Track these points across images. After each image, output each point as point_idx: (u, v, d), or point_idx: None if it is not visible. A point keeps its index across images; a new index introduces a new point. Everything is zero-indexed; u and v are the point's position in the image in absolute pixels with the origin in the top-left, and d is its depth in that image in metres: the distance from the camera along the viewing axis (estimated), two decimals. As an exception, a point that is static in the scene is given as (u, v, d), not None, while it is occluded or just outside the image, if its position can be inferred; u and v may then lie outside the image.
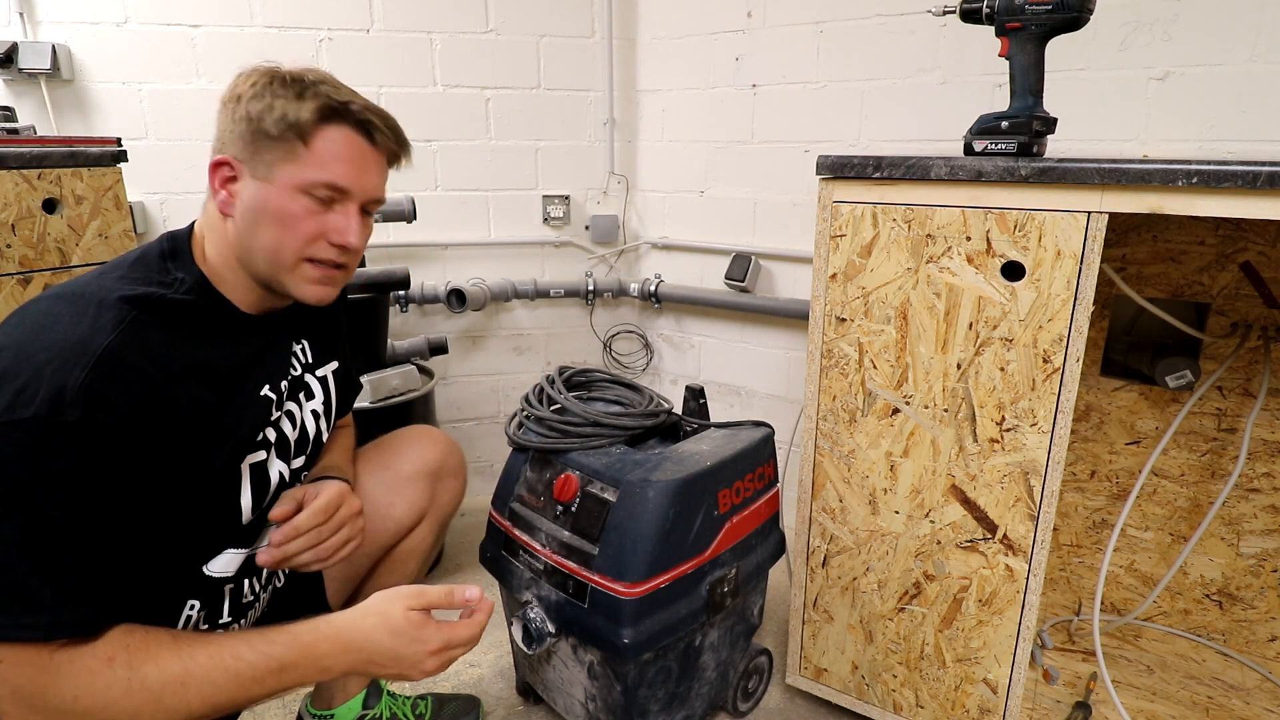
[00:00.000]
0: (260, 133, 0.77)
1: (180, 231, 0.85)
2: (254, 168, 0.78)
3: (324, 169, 0.78)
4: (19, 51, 1.64)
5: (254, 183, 0.79)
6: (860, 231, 1.08)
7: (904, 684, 1.21)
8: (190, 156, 1.83)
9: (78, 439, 0.64)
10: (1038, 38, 1.00)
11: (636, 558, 1.03)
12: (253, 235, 0.80)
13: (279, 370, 0.91)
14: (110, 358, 0.66)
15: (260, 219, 0.79)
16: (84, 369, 0.65)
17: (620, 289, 2.15)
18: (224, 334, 0.82)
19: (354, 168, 0.81)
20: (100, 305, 0.70)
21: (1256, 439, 1.35)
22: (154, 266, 0.79)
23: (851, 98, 1.71)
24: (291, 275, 0.82)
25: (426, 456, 1.13)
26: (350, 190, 0.81)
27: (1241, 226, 1.28)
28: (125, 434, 0.67)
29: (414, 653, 0.78)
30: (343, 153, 0.80)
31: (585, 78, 2.00)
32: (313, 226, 0.80)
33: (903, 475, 1.13)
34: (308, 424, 0.95)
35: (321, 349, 1.00)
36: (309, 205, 0.79)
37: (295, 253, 0.80)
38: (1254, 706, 1.29)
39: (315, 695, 1.17)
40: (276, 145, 0.77)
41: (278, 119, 0.76)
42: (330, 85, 0.80)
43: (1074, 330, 0.95)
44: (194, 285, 0.79)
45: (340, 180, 0.79)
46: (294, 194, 0.78)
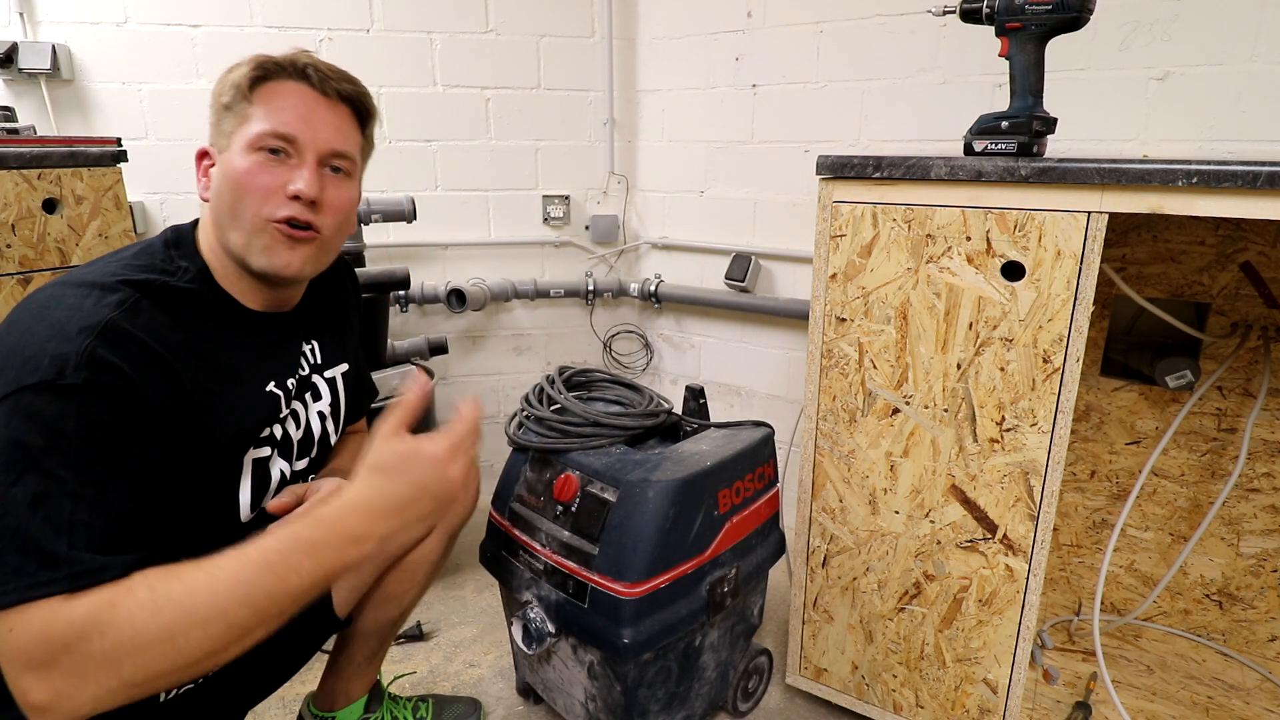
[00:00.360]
0: (219, 109, 0.80)
1: (184, 225, 0.85)
2: (218, 142, 0.81)
3: (267, 119, 0.78)
4: (19, 51, 1.64)
5: (220, 158, 0.81)
6: (860, 231, 1.08)
7: (904, 684, 1.21)
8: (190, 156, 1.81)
9: (83, 399, 0.64)
10: (1038, 38, 1.00)
11: (636, 558, 1.03)
12: (219, 206, 0.80)
13: (286, 369, 0.90)
14: (113, 329, 0.67)
15: (222, 188, 0.79)
16: (87, 338, 0.66)
17: (620, 289, 2.15)
18: (227, 327, 0.82)
19: (298, 115, 0.79)
20: (103, 288, 0.71)
21: (1256, 439, 1.35)
22: (158, 255, 0.80)
23: (851, 98, 1.71)
24: (259, 240, 0.79)
25: None
26: (298, 137, 0.79)
27: (1241, 226, 1.28)
28: (130, 393, 0.67)
29: (433, 474, 0.75)
30: (286, 102, 0.79)
31: (585, 78, 2.00)
32: (266, 180, 0.78)
33: (903, 475, 1.13)
34: (313, 425, 0.95)
35: (332, 350, 1.00)
36: (261, 160, 0.78)
37: (254, 212, 0.78)
38: (1254, 706, 1.29)
39: (318, 696, 1.17)
40: (229, 115, 0.80)
41: (228, 88, 0.79)
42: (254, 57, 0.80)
43: (1074, 330, 0.95)
44: (197, 275, 0.80)
45: (284, 128, 0.78)
46: (247, 153, 0.78)
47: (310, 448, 0.96)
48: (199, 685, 0.87)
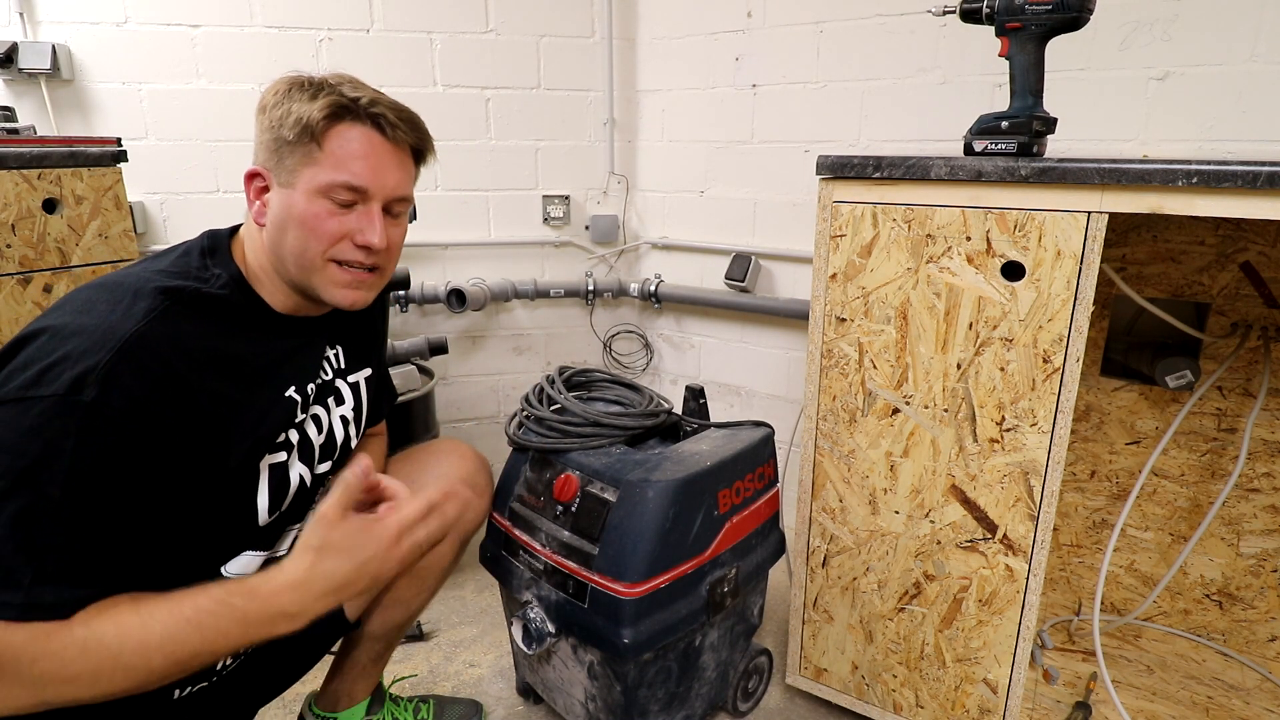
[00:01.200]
0: (280, 139, 0.78)
1: (221, 230, 0.86)
2: (279, 175, 0.79)
3: (339, 169, 0.78)
4: (19, 51, 1.64)
5: (280, 190, 0.80)
6: (860, 231, 1.08)
7: (904, 684, 1.21)
8: (190, 156, 1.83)
9: (89, 419, 0.64)
10: (1038, 38, 1.00)
11: (636, 558, 1.03)
12: (281, 242, 0.81)
13: (308, 373, 0.91)
14: (135, 343, 0.68)
15: (286, 225, 0.80)
16: (109, 353, 0.66)
17: (620, 289, 2.15)
18: (256, 331, 0.83)
19: (369, 165, 0.80)
20: (136, 294, 0.71)
21: (1256, 439, 1.35)
22: (194, 262, 0.81)
23: (851, 98, 1.71)
24: (321, 278, 0.82)
25: (453, 473, 1.11)
26: (368, 189, 0.80)
27: (1241, 226, 1.28)
28: (137, 418, 0.67)
29: (378, 554, 0.75)
30: (357, 150, 0.79)
31: (585, 78, 2.00)
32: (335, 228, 0.80)
33: (903, 475, 1.13)
34: (335, 429, 0.95)
35: (356, 355, 1.01)
36: (329, 207, 0.79)
37: (320, 255, 0.81)
38: (1254, 706, 1.29)
39: (320, 697, 1.17)
40: (295, 150, 0.78)
41: (293, 123, 0.77)
42: (349, 85, 0.80)
43: (1074, 330, 0.95)
44: (229, 281, 0.81)
45: (356, 180, 0.79)
46: (314, 197, 0.78)
47: (333, 451, 0.96)
48: (212, 684, 0.88)
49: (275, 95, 0.79)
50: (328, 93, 0.77)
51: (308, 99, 0.77)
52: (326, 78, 0.80)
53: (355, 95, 0.79)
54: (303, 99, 0.77)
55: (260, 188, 0.82)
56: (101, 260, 1.42)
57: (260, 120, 0.80)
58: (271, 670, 1.00)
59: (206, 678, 0.86)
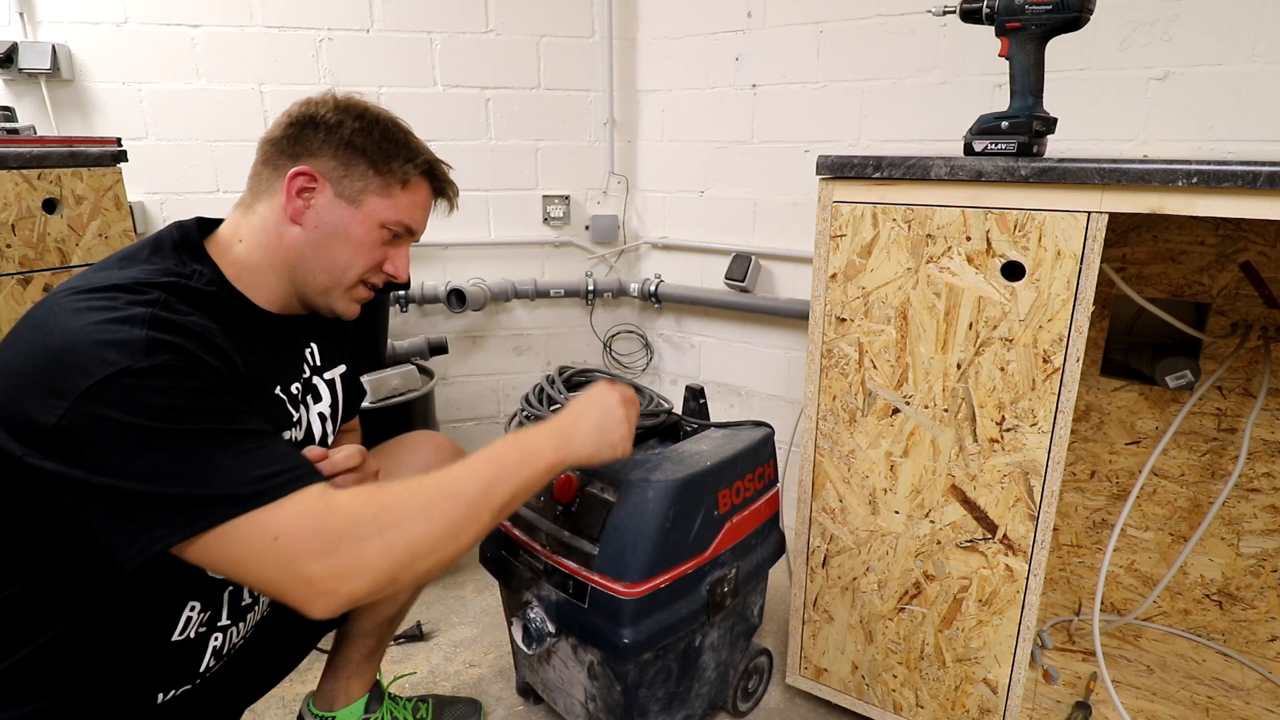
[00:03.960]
0: (363, 162, 0.84)
1: (188, 222, 0.85)
2: (340, 188, 0.84)
3: (407, 213, 0.88)
4: (19, 51, 1.64)
5: (337, 202, 0.84)
6: (860, 231, 1.08)
7: (904, 684, 1.21)
8: (190, 156, 1.83)
9: (168, 373, 0.65)
10: (1038, 38, 1.00)
11: (636, 558, 1.03)
12: (325, 249, 0.85)
13: (293, 371, 0.91)
14: (160, 320, 0.67)
15: (338, 237, 0.85)
16: (142, 328, 0.65)
17: (620, 289, 2.15)
18: (243, 327, 0.82)
19: (424, 215, 0.93)
20: (130, 289, 0.70)
21: (1256, 439, 1.35)
22: (169, 258, 0.79)
23: (851, 98, 1.71)
24: (345, 293, 0.89)
25: (431, 464, 1.09)
26: (417, 233, 0.92)
27: (1241, 226, 1.28)
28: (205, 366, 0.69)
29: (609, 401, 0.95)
30: (423, 203, 0.92)
31: (585, 78, 2.00)
32: (380, 256, 0.89)
33: (903, 475, 1.13)
34: (314, 427, 0.95)
35: (330, 353, 1.01)
36: (382, 237, 0.88)
37: (358, 275, 0.88)
38: (1254, 706, 1.29)
39: (318, 696, 1.17)
40: (375, 179, 0.85)
41: (385, 158, 0.85)
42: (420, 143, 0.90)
43: (1074, 330, 0.95)
44: (213, 278, 0.81)
45: (415, 225, 0.91)
46: (375, 225, 0.86)
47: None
48: (196, 686, 0.88)
49: (358, 122, 0.84)
50: (419, 151, 0.89)
51: (402, 145, 0.87)
52: (398, 122, 0.89)
53: (438, 163, 0.92)
54: (396, 144, 0.86)
55: (306, 187, 0.83)
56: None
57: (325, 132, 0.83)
58: (256, 669, 1.00)
59: (189, 680, 0.86)
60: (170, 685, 0.84)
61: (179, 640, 0.81)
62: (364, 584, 0.67)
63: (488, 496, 0.77)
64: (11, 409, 0.64)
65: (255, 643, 0.98)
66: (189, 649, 0.84)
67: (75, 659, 0.74)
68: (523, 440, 0.84)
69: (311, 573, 0.65)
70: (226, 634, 0.89)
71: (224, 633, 0.88)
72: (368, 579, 0.67)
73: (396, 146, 0.86)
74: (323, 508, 0.67)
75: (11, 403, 0.64)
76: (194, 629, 0.84)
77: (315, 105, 0.85)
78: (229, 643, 0.90)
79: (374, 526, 0.68)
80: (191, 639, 0.83)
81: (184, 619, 0.82)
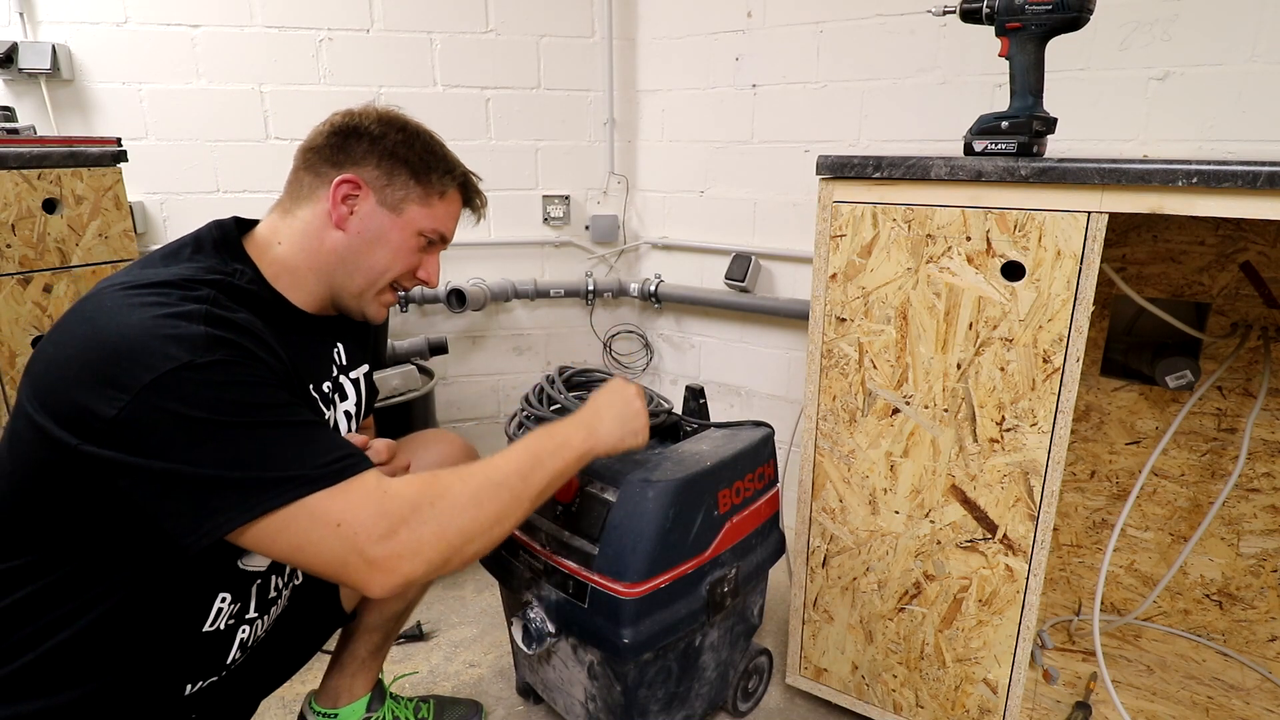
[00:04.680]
0: (405, 173, 0.88)
1: (227, 221, 0.86)
2: (383, 196, 0.87)
3: (443, 223, 0.93)
4: (19, 51, 1.64)
5: (379, 209, 0.88)
6: (860, 231, 1.08)
7: (904, 684, 1.21)
8: (190, 156, 1.83)
9: (229, 370, 0.66)
10: (1038, 38, 1.00)
11: (636, 558, 1.03)
12: (366, 253, 0.88)
13: (324, 370, 0.93)
14: (214, 317, 0.69)
15: (378, 243, 0.88)
16: (199, 323, 0.67)
17: (620, 289, 2.15)
18: (283, 325, 0.84)
19: (456, 224, 0.97)
20: (179, 286, 0.72)
21: (1256, 439, 1.35)
22: (212, 256, 0.81)
23: (851, 98, 1.71)
24: (377, 297, 0.92)
25: (442, 460, 1.12)
26: (448, 241, 0.97)
27: (1241, 226, 1.28)
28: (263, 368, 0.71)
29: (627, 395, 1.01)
30: (457, 213, 0.97)
31: (585, 78, 2.00)
32: (415, 261, 0.93)
33: (903, 475, 1.13)
34: (340, 425, 0.97)
35: (354, 352, 1.02)
36: (418, 244, 0.92)
37: (393, 278, 0.92)
38: (1254, 706, 1.29)
39: (320, 694, 1.17)
40: (416, 189, 0.89)
41: (426, 170, 0.89)
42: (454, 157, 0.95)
43: (1074, 330, 0.95)
44: (254, 278, 0.83)
45: (448, 233, 0.95)
46: (414, 233, 0.90)
47: None
48: (221, 678, 0.90)
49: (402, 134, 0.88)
50: (458, 164, 0.94)
51: (441, 158, 0.92)
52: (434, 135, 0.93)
53: (475, 183, 0.97)
54: (436, 157, 0.91)
55: (350, 194, 0.86)
56: (101, 260, 1.42)
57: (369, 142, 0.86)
58: (272, 664, 1.02)
59: (216, 672, 0.88)
60: (199, 676, 0.85)
61: (209, 631, 0.83)
62: (421, 565, 0.71)
63: (527, 484, 0.82)
64: (63, 400, 0.65)
65: (274, 636, 1.00)
66: (218, 640, 0.86)
67: (110, 647, 0.75)
68: (554, 431, 0.90)
69: (374, 554, 0.68)
70: (253, 626, 0.91)
71: (250, 625, 0.90)
72: (424, 560, 0.71)
73: (436, 159, 0.91)
74: (381, 494, 0.70)
75: (62, 394, 0.65)
76: (224, 620, 0.85)
77: (358, 116, 0.88)
78: (254, 635, 0.92)
79: (430, 513, 0.72)
80: (221, 630, 0.85)
81: (215, 610, 0.83)
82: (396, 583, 0.69)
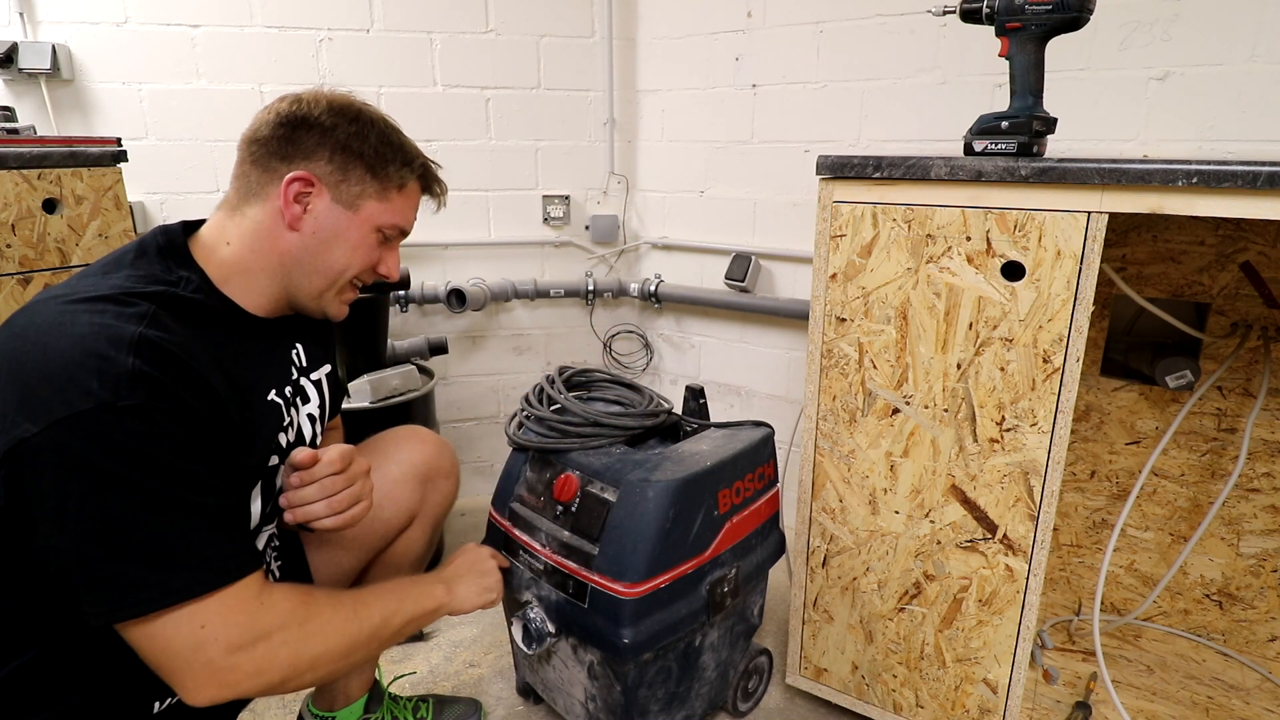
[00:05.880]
0: (360, 166, 0.84)
1: (173, 227, 0.83)
2: (338, 193, 0.84)
3: (402, 216, 0.90)
4: (19, 51, 1.64)
5: (335, 207, 0.84)
6: (860, 231, 1.08)
7: (904, 684, 1.21)
8: (190, 156, 1.83)
9: (147, 419, 0.64)
10: (1038, 38, 1.00)
11: (636, 558, 1.03)
12: (322, 253, 0.85)
13: (282, 374, 0.91)
14: (147, 344, 0.66)
15: (335, 242, 0.85)
16: (128, 355, 0.64)
17: (620, 289, 2.15)
18: (232, 335, 0.81)
19: (416, 215, 0.94)
20: (116, 302, 0.69)
21: (1256, 439, 1.35)
22: (155, 264, 0.78)
23: (851, 98, 1.71)
24: (337, 295, 0.90)
25: (414, 458, 1.11)
26: (408, 234, 0.93)
27: (1241, 226, 1.28)
28: (184, 407, 0.67)
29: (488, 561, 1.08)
30: (416, 204, 0.93)
31: (585, 78, 2.00)
32: (374, 258, 0.90)
33: (903, 475, 1.13)
34: (304, 428, 0.95)
35: (315, 353, 1.00)
36: (377, 240, 0.88)
37: (352, 276, 0.89)
38: (1254, 706, 1.29)
39: (317, 695, 1.17)
40: (372, 183, 0.85)
41: (382, 162, 0.85)
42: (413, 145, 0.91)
43: (1074, 330, 0.95)
44: (200, 285, 0.79)
45: (408, 226, 0.92)
46: (371, 229, 0.87)
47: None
48: None
49: (354, 125, 0.83)
50: (415, 155, 0.90)
51: (398, 148, 0.87)
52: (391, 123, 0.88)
53: (434, 172, 0.93)
54: (392, 147, 0.86)
55: (304, 193, 0.82)
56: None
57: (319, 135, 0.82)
58: None
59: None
60: (167, 694, 0.83)
61: None
62: (260, 684, 0.70)
63: (385, 627, 0.85)
64: None
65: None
66: None
67: (73, 669, 0.73)
68: (419, 581, 0.96)
69: (222, 662, 0.67)
70: None
71: None
72: (265, 680, 0.70)
73: (393, 150, 0.86)
74: (257, 605, 0.70)
75: None
76: None
77: (307, 105, 0.83)
78: None
79: (295, 634, 0.72)
80: None
81: None
82: (225, 696, 0.68)
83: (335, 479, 0.86)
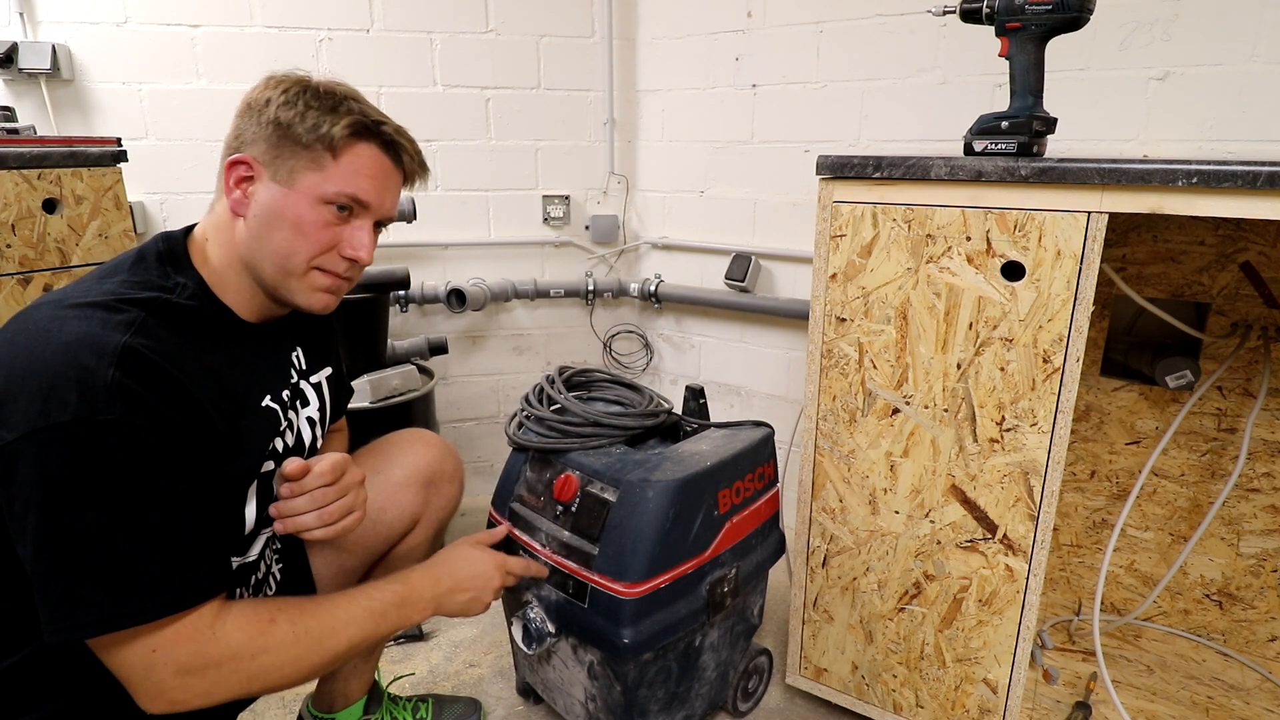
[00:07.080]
0: (289, 138, 0.78)
1: (176, 233, 0.83)
2: (275, 171, 0.78)
3: (349, 182, 0.80)
4: (19, 51, 1.64)
5: (273, 185, 0.79)
6: (860, 231, 1.08)
7: (904, 684, 1.21)
8: (190, 156, 1.83)
9: (122, 435, 0.63)
10: (1038, 38, 1.00)
11: (636, 558, 1.03)
12: (265, 238, 0.79)
13: (280, 379, 0.90)
14: (131, 355, 0.66)
15: (275, 222, 0.79)
16: (109, 366, 0.64)
17: (620, 289, 2.15)
18: (227, 342, 0.81)
19: (377, 184, 0.82)
20: (107, 308, 0.69)
21: (1256, 439, 1.35)
22: (153, 270, 0.78)
23: (851, 98, 1.71)
24: (300, 282, 0.82)
25: (419, 461, 1.11)
26: (370, 205, 0.83)
27: (1241, 226, 1.28)
28: (163, 423, 0.67)
29: (484, 569, 0.99)
30: (368, 168, 0.81)
31: (585, 78, 2.00)
32: (328, 237, 0.81)
33: (903, 475, 1.13)
34: (304, 432, 0.95)
35: (316, 355, 1.00)
36: (327, 216, 0.80)
37: (306, 260, 0.81)
38: (1254, 706, 1.29)
39: (317, 697, 1.17)
40: (303, 153, 0.78)
41: (310, 128, 0.77)
42: (361, 103, 0.82)
43: (1074, 330, 0.95)
44: (196, 291, 0.79)
45: (363, 195, 0.81)
46: (315, 203, 0.79)
47: (301, 454, 0.95)
48: None
49: (285, 95, 0.78)
50: (348, 109, 0.79)
51: (328, 110, 0.78)
52: (334, 87, 0.81)
53: (377, 120, 0.81)
54: (321, 109, 0.78)
55: (244, 177, 0.79)
56: (102, 260, 1.42)
57: (258, 113, 0.78)
58: None
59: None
60: None
61: None
62: (211, 702, 0.70)
63: (351, 651, 0.81)
64: None
65: None
66: None
67: (66, 669, 0.73)
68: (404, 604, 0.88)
69: (168, 683, 0.68)
70: None
71: None
72: (215, 700, 0.71)
73: (322, 113, 0.77)
74: (209, 636, 0.69)
75: None
76: None
77: (255, 90, 0.81)
78: None
79: (247, 665, 0.71)
80: None
81: None
82: (179, 710, 0.69)
83: (326, 490, 0.86)
